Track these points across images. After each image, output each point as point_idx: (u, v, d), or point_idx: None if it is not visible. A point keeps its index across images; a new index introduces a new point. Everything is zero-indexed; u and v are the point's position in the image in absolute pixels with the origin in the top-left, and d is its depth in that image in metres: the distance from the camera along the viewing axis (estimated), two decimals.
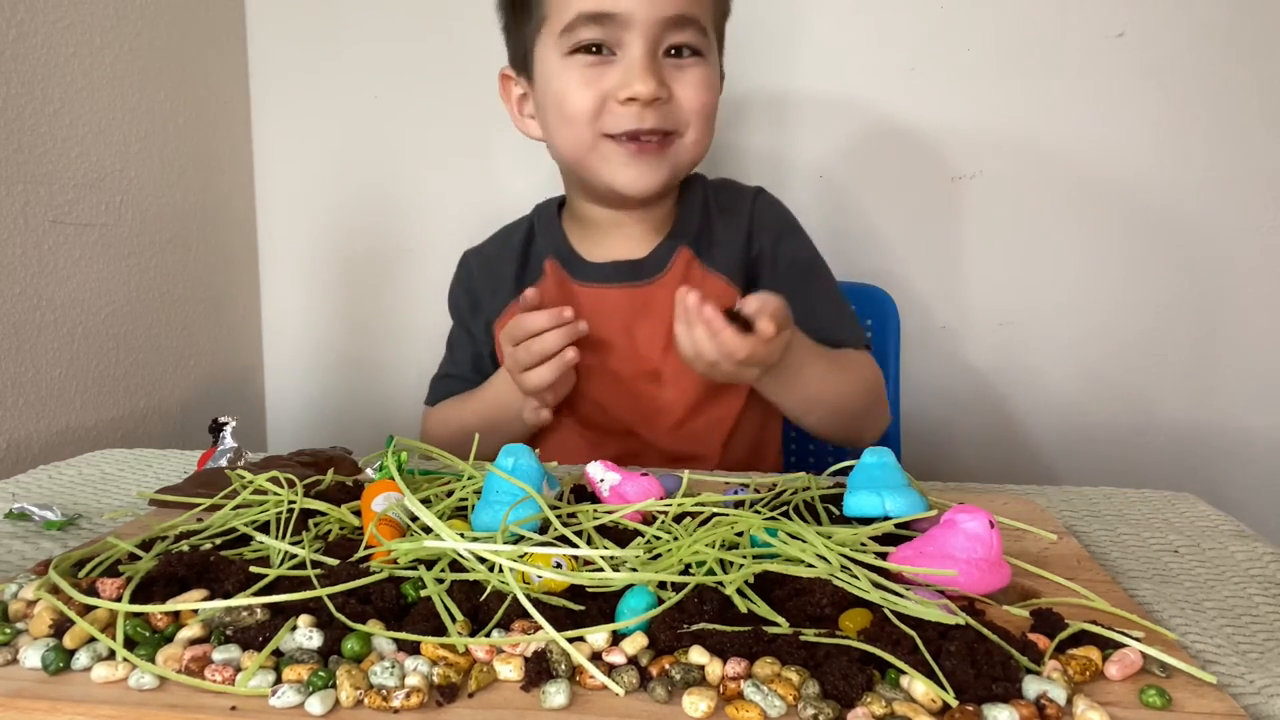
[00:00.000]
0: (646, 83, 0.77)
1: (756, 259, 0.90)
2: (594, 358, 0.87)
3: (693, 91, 0.80)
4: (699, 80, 0.80)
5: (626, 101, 0.78)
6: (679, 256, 0.89)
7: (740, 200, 0.92)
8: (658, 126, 0.79)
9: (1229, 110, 1.18)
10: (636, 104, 0.78)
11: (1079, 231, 1.23)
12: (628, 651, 0.40)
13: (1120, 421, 1.26)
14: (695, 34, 0.79)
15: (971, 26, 1.19)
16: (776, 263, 0.90)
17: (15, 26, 0.92)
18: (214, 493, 0.61)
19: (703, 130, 0.82)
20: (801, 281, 0.89)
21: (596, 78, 0.79)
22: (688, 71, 0.80)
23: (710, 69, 0.82)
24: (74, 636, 0.41)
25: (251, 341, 1.37)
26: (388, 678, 0.38)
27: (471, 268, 0.97)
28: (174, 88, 1.17)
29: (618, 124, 0.79)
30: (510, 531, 0.50)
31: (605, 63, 0.79)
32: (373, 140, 1.31)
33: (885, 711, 0.36)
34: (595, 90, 0.79)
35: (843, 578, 0.45)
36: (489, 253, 0.96)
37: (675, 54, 0.80)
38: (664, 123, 0.80)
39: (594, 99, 0.79)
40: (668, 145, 0.81)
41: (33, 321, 0.95)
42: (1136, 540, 0.62)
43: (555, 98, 0.82)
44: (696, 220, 0.90)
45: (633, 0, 0.76)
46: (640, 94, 0.77)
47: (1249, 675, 0.42)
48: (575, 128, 0.81)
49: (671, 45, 0.79)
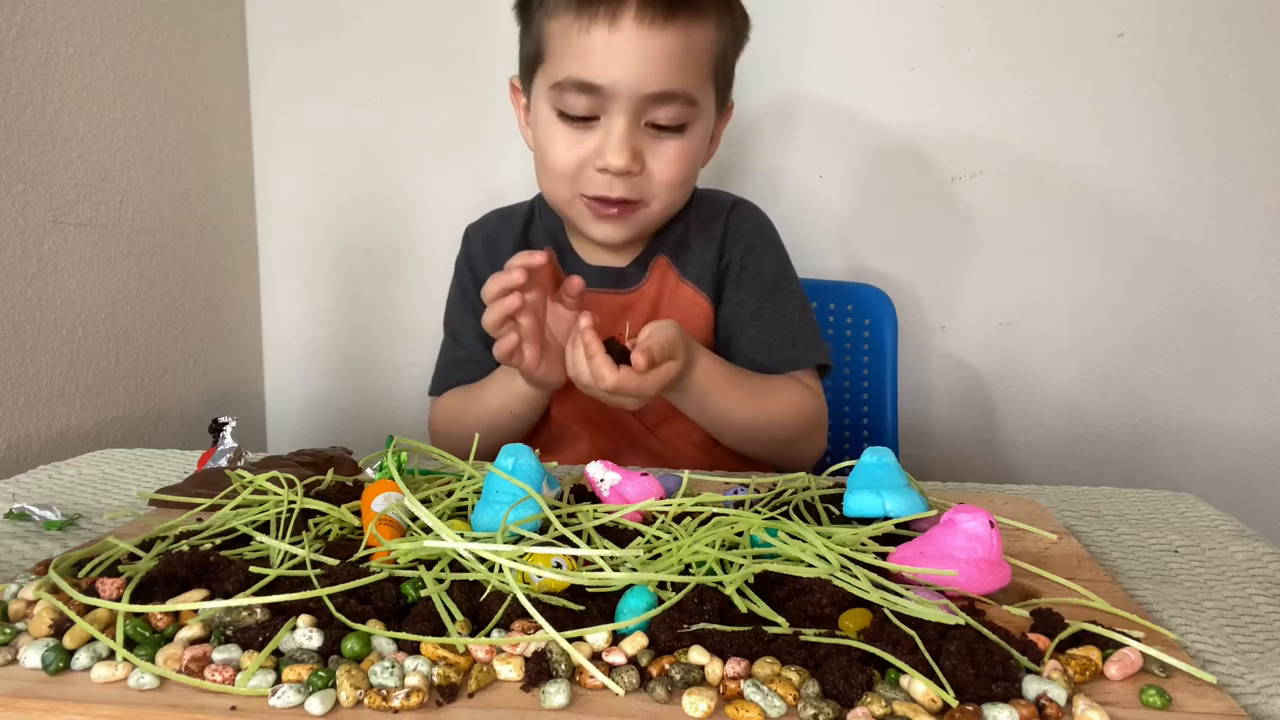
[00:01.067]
0: (619, 156, 0.79)
1: (725, 270, 0.92)
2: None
3: (664, 166, 0.82)
4: (674, 155, 0.82)
5: (600, 169, 0.81)
6: (656, 265, 0.91)
7: (718, 211, 0.93)
8: (625, 197, 0.82)
9: (1229, 110, 1.18)
10: (609, 174, 0.81)
11: (1079, 231, 1.23)
12: (628, 651, 0.40)
13: (1120, 421, 1.26)
14: (679, 107, 0.80)
15: (971, 26, 1.19)
16: (743, 275, 0.91)
17: (15, 26, 0.92)
18: (214, 493, 0.61)
19: (671, 199, 0.85)
20: (764, 297, 0.90)
21: (577, 141, 0.82)
22: (665, 145, 0.82)
23: (692, 139, 0.83)
24: (74, 636, 0.41)
25: (251, 341, 1.37)
26: (388, 678, 0.38)
27: (473, 243, 0.98)
28: (174, 88, 1.17)
29: (591, 188, 0.83)
30: (510, 531, 0.50)
31: (588, 128, 0.81)
32: (373, 140, 1.31)
33: (885, 711, 0.36)
34: (575, 154, 0.82)
35: (843, 578, 0.45)
36: (489, 230, 0.97)
37: (658, 127, 0.81)
38: (631, 193, 0.82)
39: (574, 162, 0.82)
40: (632, 211, 0.84)
41: (33, 321, 0.95)
42: (1136, 540, 0.62)
43: (541, 147, 0.85)
44: (677, 230, 0.92)
45: (618, 73, 0.78)
46: (612, 166, 0.80)
47: (1249, 675, 0.42)
48: (555, 181, 0.85)
49: (653, 120, 0.81)
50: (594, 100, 0.79)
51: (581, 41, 0.78)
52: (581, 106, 0.80)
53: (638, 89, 0.78)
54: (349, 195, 1.33)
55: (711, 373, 0.82)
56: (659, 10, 0.77)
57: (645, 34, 0.77)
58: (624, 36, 0.77)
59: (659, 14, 0.77)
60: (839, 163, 1.25)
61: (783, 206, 1.22)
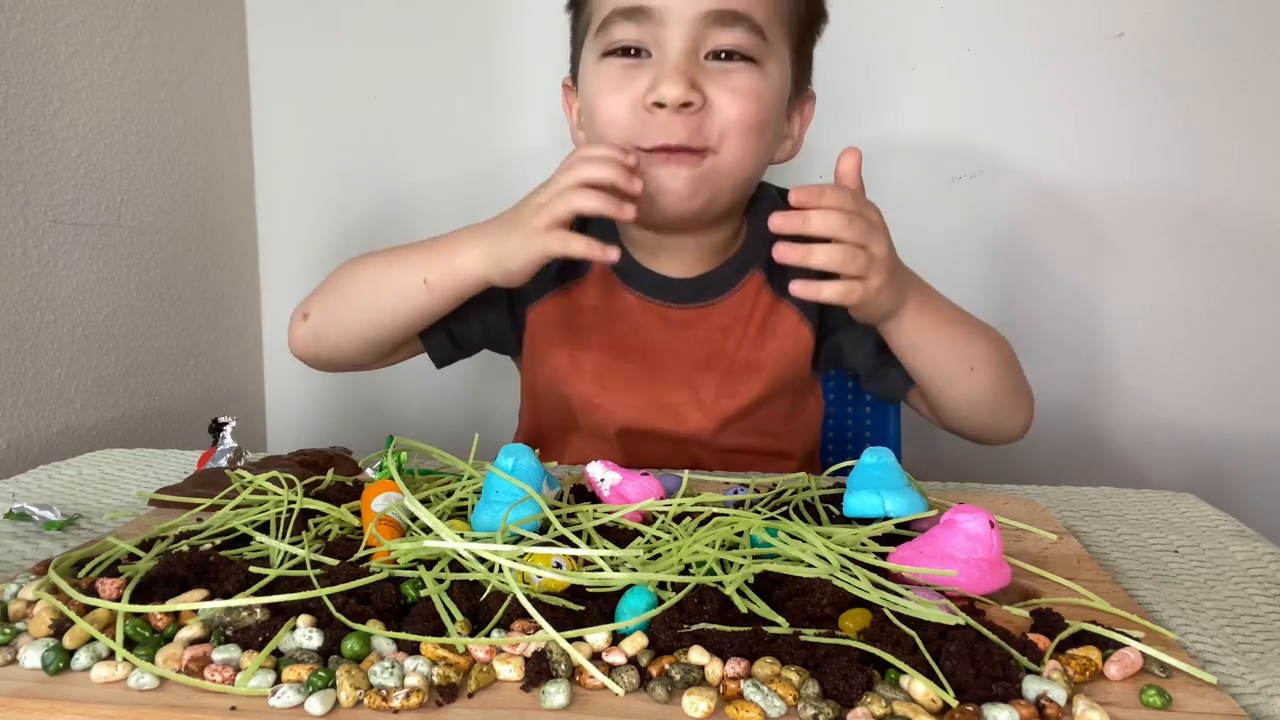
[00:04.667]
0: (675, 85, 0.67)
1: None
2: (629, 372, 0.83)
3: (730, 99, 0.69)
4: (742, 87, 0.70)
5: (653, 106, 0.69)
6: (750, 281, 0.81)
7: None
8: (685, 143, 0.70)
9: (1228, 110, 1.18)
10: (665, 110, 0.69)
11: (1078, 231, 1.22)
12: (628, 651, 0.40)
13: (1120, 421, 1.26)
14: (745, 33, 0.69)
15: (971, 26, 1.19)
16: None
17: (15, 26, 0.92)
18: (214, 493, 0.61)
19: (743, 147, 0.72)
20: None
21: (628, 81, 0.71)
22: (732, 76, 0.70)
23: (763, 77, 0.71)
24: (74, 636, 0.41)
25: (251, 341, 1.37)
26: (388, 678, 0.38)
27: None
28: (174, 88, 1.17)
29: (648, 135, 0.70)
30: (510, 531, 0.50)
31: (640, 65, 0.71)
32: (373, 140, 1.31)
33: (885, 711, 0.36)
34: (627, 95, 0.71)
35: (843, 578, 0.45)
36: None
37: (723, 57, 0.70)
38: (693, 139, 0.70)
39: (625, 105, 0.71)
40: (699, 160, 0.71)
41: (33, 321, 0.95)
42: (1136, 540, 0.62)
43: (589, 104, 0.75)
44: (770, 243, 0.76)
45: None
46: (666, 98, 0.68)
47: (1249, 675, 0.42)
48: (606, 128, 0.73)
49: (716, 47, 0.70)
50: (645, 28, 0.69)
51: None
52: (630, 36, 0.69)
53: (693, 6, 0.67)
54: (349, 195, 1.33)
55: (929, 289, 0.72)
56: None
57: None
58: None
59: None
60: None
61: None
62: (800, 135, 0.83)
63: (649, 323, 0.83)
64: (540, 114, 1.26)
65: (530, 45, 1.25)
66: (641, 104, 0.70)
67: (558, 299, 0.84)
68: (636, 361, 0.83)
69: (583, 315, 0.84)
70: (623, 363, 0.83)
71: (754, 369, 0.82)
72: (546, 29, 1.16)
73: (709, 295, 0.82)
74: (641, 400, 0.83)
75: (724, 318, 0.82)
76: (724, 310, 0.82)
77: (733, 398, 0.82)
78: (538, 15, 1.24)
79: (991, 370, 0.75)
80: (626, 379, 0.83)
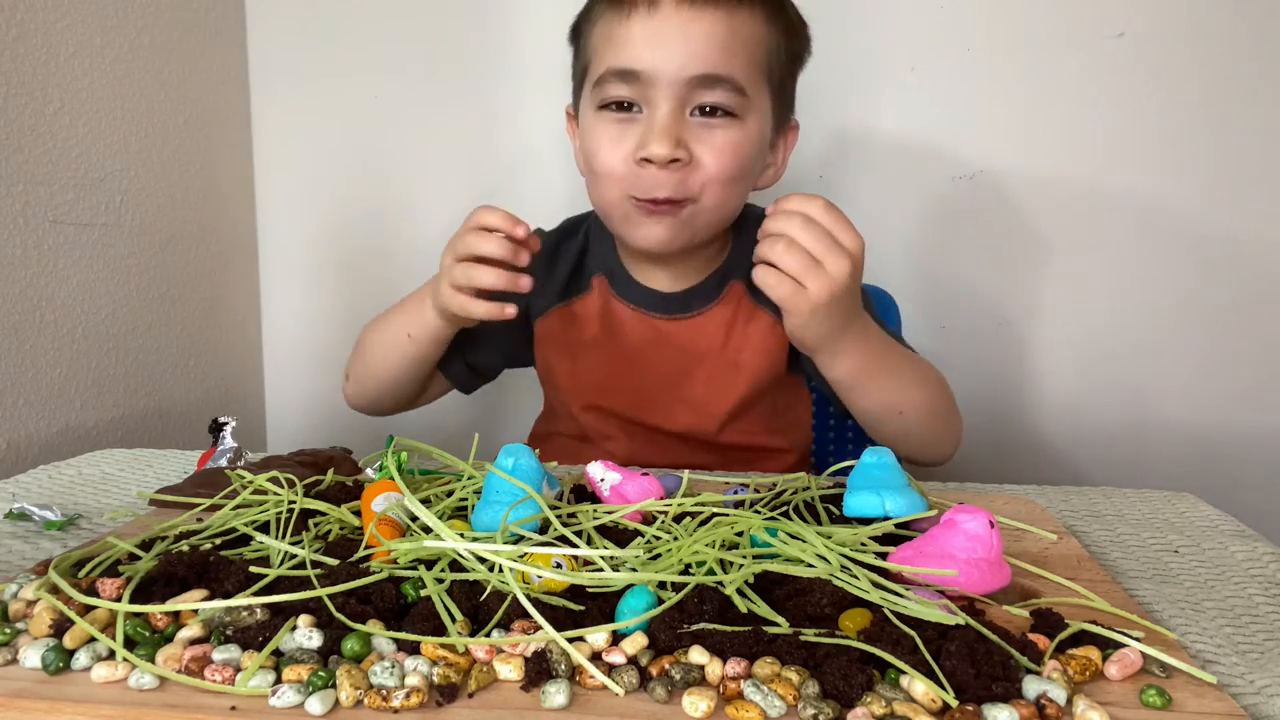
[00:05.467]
0: (662, 144, 0.74)
1: None
2: (628, 378, 0.89)
3: (714, 155, 0.76)
4: (725, 144, 0.77)
5: (642, 162, 0.76)
6: (731, 291, 0.88)
7: None
8: (671, 196, 0.77)
9: (1229, 110, 1.18)
10: (653, 165, 0.76)
11: (1078, 231, 1.22)
12: (628, 651, 0.40)
13: (1120, 421, 1.26)
14: (727, 93, 0.76)
15: (971, 26, 1.19)
16: None
17: (15, 26, 0.92)
18: (214, 493, 0.61)
19: (722, 195, 0.79)
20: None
21: (622, 136, 0.78)
22: (715, 133, 0.77)
23: (743, 130, 0.78)
24: (74, 636, 0.41)
25: (251, 341, 1.37)
26: (388, 678, 0.38)
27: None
28: (174, 88, 1.17)
29: (641, 187, 0.78)
30: (510, 531, 0.50)
31: (633, 120, 0.78)
32: (373, 140, 1.31)
33: (885, 711, 0.36)
34: (620, 151, 0.78)
35: (843, 578, 0.45)
36: (549, 245, 0.93)
37: (707, 112, 0.77)
38: (677, 191, 0.77)
39: (620, 160, 0.78)
40: (680, 209, 0.79)
41: (33, 321, 0.95)
42: (1136, 540, 0.62)
43: (588, 150, 0.81)
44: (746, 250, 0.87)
45: (657, 58, 0.75)
46: (655, 155, 0.75)
47: (1249, 675, 0.42)
48: (604, 187, 0.81)
49: (701, 104, 0.76)
50: (636, 88, 0.76)
51: (622, 32, 0.76)
52: (623, 94, 0.77)
53: (680, 72, 0.74)
54: (349, 195, 1.33)
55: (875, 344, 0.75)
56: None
57: (686, 15, 0.74)
58: (663, 18, 0.74)
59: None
60: (839, 163, 1.25)
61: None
62: (783, 162, 0.87)
63: (642, 332, 0.89)
64: (539, 114, 1.26)
65: (530, 45, 1.25)
66: (633, 158, 0.77)
67: (561, 311, 0.91)
68: (631, 369, 0.89)
69: (582, 326, 0.90)
70: (618, 370, 0.89)
71: (737, 371, 0.88)
72: (546, 29, 1.16)
73: (695, 306, 0.88)
74: (636, 404, 0.89)
75: (709, 326, 0.88)
76: (709, 319, 0.88)
77: (720, 399, 0.88)
78: (537, 16, 1.24)
79: (920, 414, 0.79)
80: (621, 385, 0.89)
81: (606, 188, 0.80)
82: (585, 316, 0.90)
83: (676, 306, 0.88)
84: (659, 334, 0.89)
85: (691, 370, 0.88)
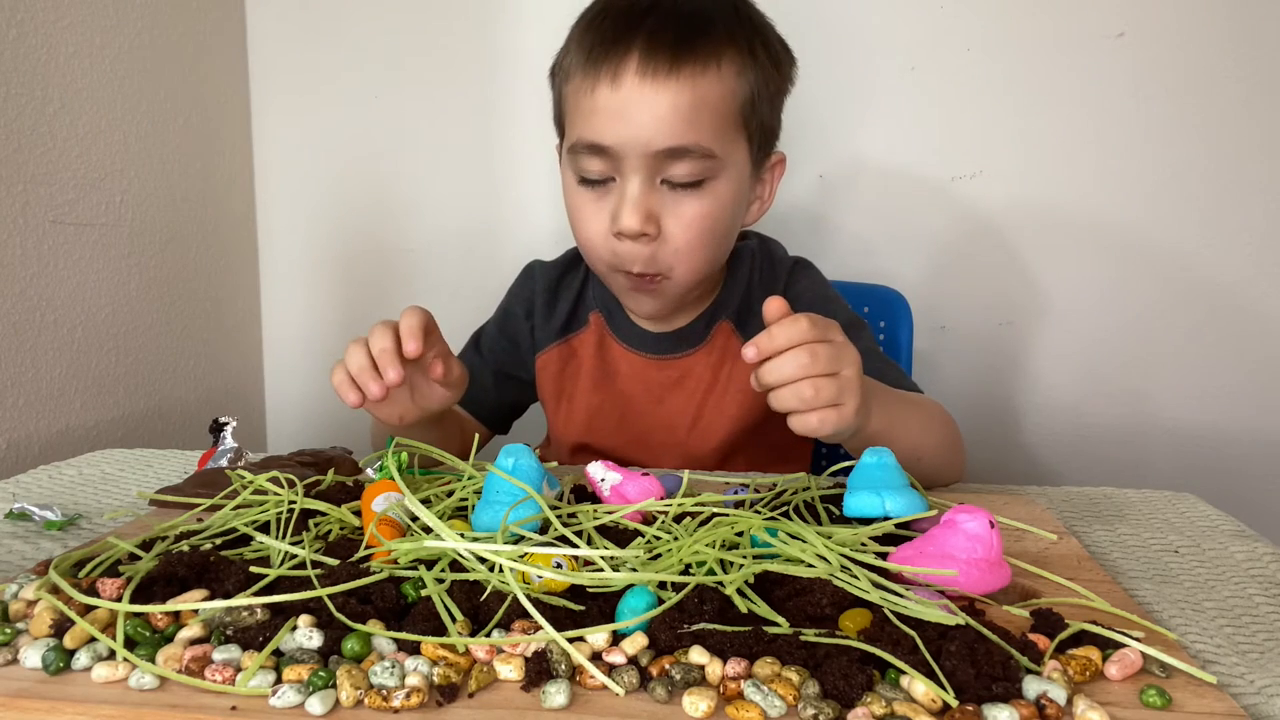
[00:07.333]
0: (631, 218, 0.76)
1: None
2: (618, 419, 0.90)
3: (682, 228, 0.77)
4: (693, 216, 0.77)
5: (615, 234, 0.77)
6: (719, 329, 0.89)
7: (778, 272, 0.91)
8: (644, 271, 0.79)
9: (1228, 110, 1.18)
10: (625, 239, 0.77)
11: (1079, 231, 1.22)
12: (628, 651, 0.40)
13: (1120, 421, 1.26)
14: (695, 161, 0.75)
15: (971, 26, 1.19)
16: None
17: (15, 26, 0.92)
18: (214, 493, 0.61)
19: (694, 265, 0.80)
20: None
21: (597, 210, 0.79)
22: (684, 204, 0.77)
23: (714, 197, 0.78)
24: (74, 636, 0.41)
25: (251, 341, 1.37)
26: (388, 678, 0.38)
27: (537, 282, 0.95)
28: (174, 88, 1.17)
29: (620, 260, 0.79)
30: (510, 531, 0.50)
31: (608, 191, 0.78)
32: (373, 140, 1.31)
33: (885, 711, 0.36)
34: (597, 225, 0.79)
35: (843, 578, 0.45)
36: (552, 278, 0.94)
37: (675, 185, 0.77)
38: (649, 266, 0.79)
39: (598, 234, 0.79)
40: (656, 283, 0.81)
41: (33, 321, 0.95)
42: (1136, 540, 0.62)
43: (571, 220, 0.83)
44: (740, 293, 0.89)
45: (624, 132, 0.74)
46: (624, 228, 0.76)
47: (1249, 675, 0.42)
48: (591, 258, 0.83)
49: (670, 177, 0.77)
50: (606, 162, 0.76)
51: (589, 103, 0.76)
52: (596, 169, 0.77)
53: (646, 147, 0.74)
54: (349, 195, 1.33)
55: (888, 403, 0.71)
56: (662, 63, 0.73)
57: (649, 89, 0.74)
58: (627, 93, 0.74)
59: (662, 67, 0.73)
60: (839, 163, 1.25)
61: (782, 206, 1.22)
62: (770, 195, 0.87)
63: (634, 371, 0.91)
64: (537, 115, 1.26)
65: (530, 45, 1.25)
66: (609, 232, 0.78)
67: (560, 348, 0.93)
68: (622, 410, 0.91)
69: (579, 363, 0.92)
70: (608, 411, 0.91)
71: (722, 413, 0.89)
72: (546, 30, 1.16)
73: (685, 347, 0.90)
74: (624, 440, 0.91)
75: (698, 367, 0.90)
76: (696, 360, 0.90)
77: (706, 440, 0.89)
78: (537, 16, 1.24)
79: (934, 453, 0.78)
80: (611, 427, 0.91)
81: (593, 260, 0.83)
82: (582, 354, 0.92)
83: (667, 347, 0.90)
84: (650, 375, 0.90)
85: (680, 411, 0.90)
